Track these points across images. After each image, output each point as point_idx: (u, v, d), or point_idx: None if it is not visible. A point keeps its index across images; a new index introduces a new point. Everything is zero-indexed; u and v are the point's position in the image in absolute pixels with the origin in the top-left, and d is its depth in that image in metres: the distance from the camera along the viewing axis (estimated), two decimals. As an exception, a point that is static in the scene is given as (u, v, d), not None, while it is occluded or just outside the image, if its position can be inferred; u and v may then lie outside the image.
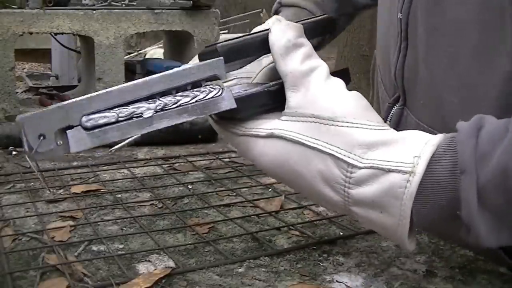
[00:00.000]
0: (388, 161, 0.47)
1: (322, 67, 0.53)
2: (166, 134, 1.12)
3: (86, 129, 0.47)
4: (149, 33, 3.37)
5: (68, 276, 0.55)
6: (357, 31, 6.00)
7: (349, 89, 0.54)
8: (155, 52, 4.44)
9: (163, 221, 0.73)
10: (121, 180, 0.89)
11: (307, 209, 0.77)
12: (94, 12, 1.30)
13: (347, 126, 0.49)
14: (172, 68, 0.57)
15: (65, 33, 1.35)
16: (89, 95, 0.49)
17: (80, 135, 0.47)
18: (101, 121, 0.48)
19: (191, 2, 1.37)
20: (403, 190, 0.46)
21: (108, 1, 1.45)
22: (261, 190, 0.85)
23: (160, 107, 0.50)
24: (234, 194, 0.83)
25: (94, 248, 0.64)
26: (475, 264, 0.60)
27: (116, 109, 0.49)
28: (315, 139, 0.50)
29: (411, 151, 0.47)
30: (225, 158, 1.03)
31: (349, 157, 0.48)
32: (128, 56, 4.25)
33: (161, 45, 3.92)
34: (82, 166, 0.96)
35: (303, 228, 0.70)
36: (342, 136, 0.49)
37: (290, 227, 0.70)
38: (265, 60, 0.59)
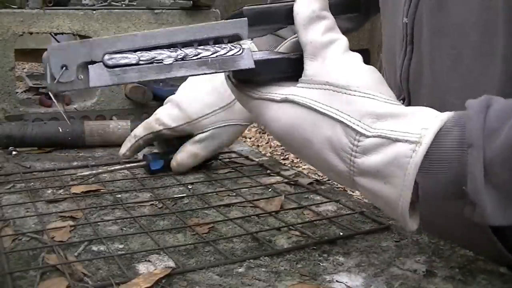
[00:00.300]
0: (395, 131, 0.48)
1: (342, 40, 0.54)
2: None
3: (107, 66, 0.49)
4: (149, 33, 3.35)
5: (68, 276, 0.55)
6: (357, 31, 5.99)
7: None
8: (155, 52, 4.43)
9: (163, 221, 0.73)
10: (121, 180, 0.89)
11: (307, 209, 0.77)
12: (94, 12, 1.30)
13: (360, 96, 0.50)
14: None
15: (65, 33, 1.34)
16: (114, 36, 0.51)
17: (101, 71, 0.49)
18: (123, 61, 0.49)
19: (191, 2, 1.37)
20: (408, 160, 0.47)
21: (108, 1, 1.45)
22: (261, 190, 0.85)
23: (181, 56, 0.51)
24: (234, 194, 0.83)
25: (94, 248, 0.64)
26: (475, 264, 0.60)
27: (139, 52, 0.50)
28: (327, 105, 0.51)
29: (419, 124, 0.48)
30: (225, 158, 1.03)
31: (358, 125, 0.49)
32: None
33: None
34: (82, 166, 0.96)
35: (303, 228, 0.70)
36: (353, 104, 0.50)
37: (290, 227, 0.70)
38: (288, 34, 0.60)
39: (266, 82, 0.55)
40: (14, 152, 1.04)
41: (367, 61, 0.56)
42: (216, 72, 0.52)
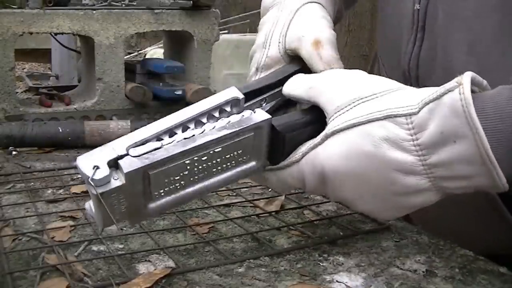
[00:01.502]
0: (436, 91, 0.48)
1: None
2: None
3: (135, 156, 0.51)
4: (149, 33, 3.37)
5: (68, 276, 0.55)
6: (357, 31, 5.99)
7: None
8: (155, 52, 4.44)
9: (163, 221, 0.73)
10: (121, 180, 0.89)
11: (307, 209, 0.77)
12: (94, 12, 1.30)
13: (388, 93, 0.52)
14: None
15: (65, 33, 1.34)
16: (130, 133, 0.53)
17: (130, 160, 0.50)
18: (147, 149, 0.51)
19: (191, 2, 1.37)
20: (460, 103, 0.46)
21: (108, 1, 1.45)
22: (261, 190, 0.85)
23: (200, 132, 0.53)
24: (234, 194, 0.83)
25: (94, 248, 0.64)
26: (475, 264, 0.60)
27: (159, 138, 0.53)
28: (367, 114, 0.51)
29: (451, 82, 0.48)
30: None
31: (402, 110, 0.49)
32: (128, 56, 4.25)
33: (161, 45, 3.92)
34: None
35: (303, 228, 0.70)
36: (388, 100, 0.51)
37: (290, 227, 0.70)
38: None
39: (296, 145, 0.56)
40: (14, 152, 1.04)
41: None
42: (236, 131, 0.54)
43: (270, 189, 0.85)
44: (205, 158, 0.54)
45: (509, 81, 0.57)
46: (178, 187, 0.54)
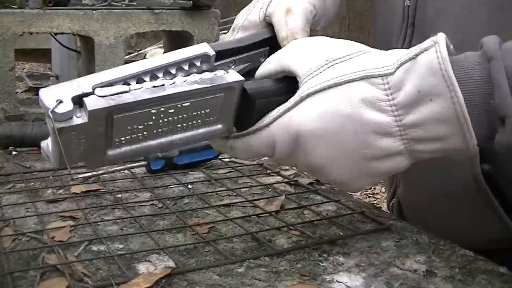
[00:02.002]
0: (411, 51, 0.48)
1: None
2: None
3: (101, 96, 0.49)
4: (149, 33, 3.37)
5: (68, 276, 0.55)
6: (357, 31, 6.00)
7: None
8: (155, 52, 4.44)
9: (163, 221, 0.73)
10: (121, 180, 0.89)
11: (307, 209, 0.77)
12: (94, 12, 1.30)
13: (363, 53, 0.51)
14: None
15: (65, 33, 1.34)
16: (98, 72, 0.51)
17: (95, 99, 0.48)
18: (114, 91, 0.49)
19: (191, 2, 1.37)
20: (436, 61, 0.47)
21: (108, 1, 1.45)
22: (261, 190, 0.85)
23: (171, 82, 0.52)
24: (234, 194, 0.83)
25: (94, 248, 0.64)
26: (475, 264, 0.60)
27: (127, 83, 0.51)
28: (342, 75, 0.50)
29: (426, 41, 0.49)
30: (225, 158, 1.03)
31: (379, 70, 0.49)
32: (128, 56, 4.25)
33: (161, 45, 3.92)
34: (82, 166, 0.96)
35: (303, 228, 0.70)
36: (362, 61, 0.50)
37: (290, 227, 0.70)
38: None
39: (267, 109, 0.54)
40: (14, 152, 1.04)
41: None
42: (207, 87, 0.52)
43: (270, 189, 0.85)
44: (172, 111, 0.52)
45: None
46: (140, 137, 0.53)
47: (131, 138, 0.52)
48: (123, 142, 0.52)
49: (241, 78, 0.54)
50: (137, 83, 0.51)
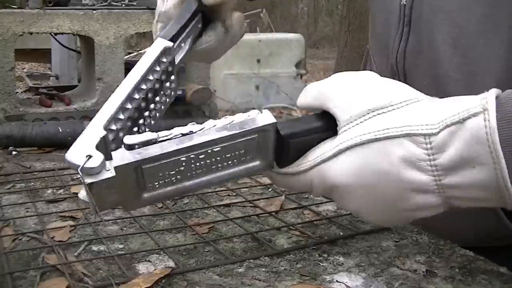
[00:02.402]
0: (458, 113, 0.46)
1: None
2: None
3: (128, 147, 0.50)
4: (149, 33, 3.37)
5: (68, 276, 0.55)
6: (357, 31, 6.00)
7: None
8: (155, 52, 4.43)
9: (163, 221, 0.73)
10: (121, 180, 0.89)
11: (307, 209, 0.77)
12: (94, 12, 1.30)
13: (406, 105, 0.49)
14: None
15: (65, 33, 1.34)
16: (101, 110, 0.53)
17: (122, 154, 0.50)
18: (142, 139, 0.50)
19: (191, 2, 1.37)
20: (484, 131, 0.45)
21: (108, 1, 1.45)
22: (261, 190, 0.85)
23: (199, 129, 0.52)
24: (234, 194, 0.83)
25: (94, 248, 0.64)
26: (475, 264, 0.60)
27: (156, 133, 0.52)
28: (383, 129, 0.48)
29: (475, 99, 0.46)
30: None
31: (422, 129, 0.47)
32: (128, 56, 4.25)
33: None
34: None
35: (303, 228, 0.70)
36: (406, 115, 0.48)
37: (290, 227, 0.70)
38: None
39: (303, 151, 0.54)
40: (14, 152, 1.04)
41: None
42: (237, 134, 0.52)
43: (270, 189, 0.85)
44: (203, 156, 0.53)
45: (492, 72, 0.58)
46: (174, 180, 0.53)
47: (165, 182, 0.53)
48: (157, 186, 0.53)
49: (272, 120, 0.53)
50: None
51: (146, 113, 0.59)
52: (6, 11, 1.24)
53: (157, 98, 0.61)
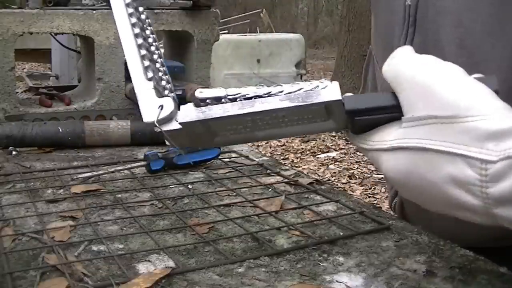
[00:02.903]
0: None
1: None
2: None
3: (200, 101, 0.52)
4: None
5: (68, 276, 0.55)
6: (357, 31, 6.00)
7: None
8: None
9: (163, 221, 0.73)
10: (121, 180, 0.89)
11: (307, 209, 0.77)
12: (94, 12, 1.30)
13: (472, 121, 0.44)
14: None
15: (65, 33, 1.34)
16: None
17: (188, 110, 0.52)
18: (211, 94, 0.52)
19: (191, 2, 1.37)
20: None
21: (108, 1, 1.45)
22: (261, 190, 0.85)
23: (265, 92, 0.52)
24: (234, 194, 0.83)
25: (94, 248, 0.64)
26: (475, 264, 0.60)
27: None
28: (439, 141, 0.45)
29: None
30: (225, 158, 1.03)
31: (480, 153, 0.43)
32: (128, 56, 4.24)
33: (161, 45, 3.92)
34: (82, 166, 0.96)
35: (303, 228, 0.70)
36: (468, 131, 0.44)
37: (290, 227, 0.70)
38: None
39: (369, 127, 0.52)
40: (14, 152, 1.04)
41: None
42: (298, 106, 0.51)
43: (270, 189, 0.85)
44: (268, 118, 0.53)
45: (499, 72, 0.57)
46: (244, 131, 0.54)
47: (235, 132, 0.54)
48: (228, 134, 0.55)
49: (337, 97, 0.51)
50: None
51: (153, 48, 0.61)
52: (6, 11, 1.24)
53: (151, 40, 0.62)
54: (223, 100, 0.52)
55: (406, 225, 0.71)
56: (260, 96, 0.51)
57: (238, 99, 0.51)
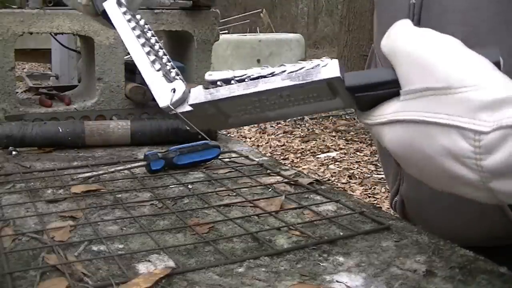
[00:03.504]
0: None
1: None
2: (166, 134, 1.12)
3: (209, 83, 0.55)
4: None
5: (68, 276, 0.55)
6: (357, 31, 6.01)
7: None
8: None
9: (163, 221, 0.73)
10: (121, 180, 0.89)
11: (307, 209, 0.77)
12: (94, 12, 1.30)
13: (466, 91, 0.44)
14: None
15: (65, 33, 1.34)
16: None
17: (197, 92, 0.55)
18: (221, 76, 0.54)
19: (191, 2, 1.37)
20: None
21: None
22: (261, 190, 0.85)
23: (269, 72, 0.53)
24: (234, 194, 0.83)
25: (94, 248, 0.64)
26: (475, 264, 0.60)
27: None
28: (434, 112, 0.45)
29: None
30: (225, 158, 1.03)
31: (473, 124, 0.43)
32: (128, 56, 4.25)
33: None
34: (82, 166, 0.96)
35: (303, 228, 0.70)
36: (462, 102, 0.44)
37: (290, 227, 0.70)
38: None
39: (372, 103, 0.52)
40: (14, 152, 1.04)
41: None
42: (298, 84, 0.51)
43: (270, 189, 0.85)
44: (273, 97, 0.54)
45: (504, 71, 0.57)
46: (254, 112, 0.56)
47: (246, 113, 0.56)
48: (239, 115, 0.57)
49: (336, 74, 0.51)
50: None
51: (157, 47, 0.65)
52: (6, 11, 1.24)
53: (148, 35, 0.67)
54: (232, 82, 0.53)
55: (406, 225, 0.71)
56: (264, 77, 0.53)
57: (244, 80, 0.53)
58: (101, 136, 1.09)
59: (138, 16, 0.68)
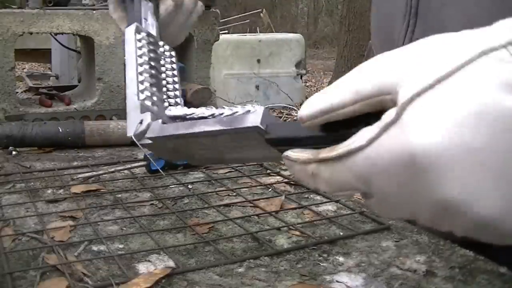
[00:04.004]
0: None
1: None
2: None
3: (169, 118, 0.56)
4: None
5: (68, 276, 0.55)
6: (357, 31, 6.01)
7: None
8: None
9: (163, 221, 0.73)
10: (121, 180, 0.89)
11: (307, 209, 0.77)
12: (94, 12, 1.30)
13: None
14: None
15: (65, 33, 1.34)
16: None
17: (154, 127, 0.56)
18: (178, 113, 0.55)
19: (191, 2, 1.37)
20: None
21: (108, 1, 1.45)
22: (261, 190, 0.85)
23: (211, 113, 0.52)
24: (234, 194, 0.83)
25: (94, 248, 0.64)
26: (475, 264, 0.60)
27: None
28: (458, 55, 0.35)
29: None
30: (225, 158, 1.03)
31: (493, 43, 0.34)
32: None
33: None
34: (82, 166, 0.96)
35: (303, 228, 0.70)
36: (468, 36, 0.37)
37: (290, 227, 0.70)
38: None
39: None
40: (14, 152, 1.04)
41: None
42: (226, 130, 0.49)
43: (270, 189, 0.85)
44: (209, 139, 0.51)
45: None
46: (211, 153, 0.55)
47: (207, 152, 0.55)
48: (202, 153, 0.56)
49: (256, 123, 0.45)
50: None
51: (163, 76, 0.66)
52: (6, 11, 1.24)
53: (162, 62, 0.68)
54: (186, 119, 0.53)
55: (406, 225, 0.71)
56: (205, 118, 0.51)
57: (192, 119, 0.52)
58: (101, 136, 1.09)
59: (160, 43, 0.70)
